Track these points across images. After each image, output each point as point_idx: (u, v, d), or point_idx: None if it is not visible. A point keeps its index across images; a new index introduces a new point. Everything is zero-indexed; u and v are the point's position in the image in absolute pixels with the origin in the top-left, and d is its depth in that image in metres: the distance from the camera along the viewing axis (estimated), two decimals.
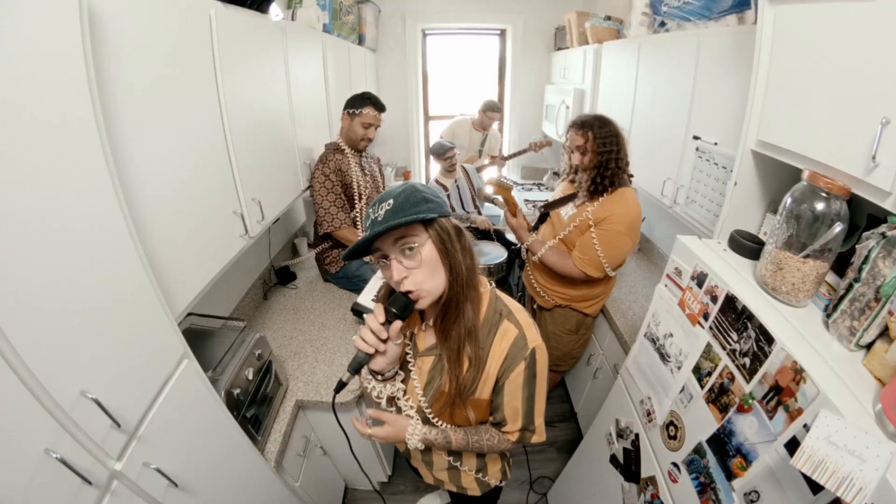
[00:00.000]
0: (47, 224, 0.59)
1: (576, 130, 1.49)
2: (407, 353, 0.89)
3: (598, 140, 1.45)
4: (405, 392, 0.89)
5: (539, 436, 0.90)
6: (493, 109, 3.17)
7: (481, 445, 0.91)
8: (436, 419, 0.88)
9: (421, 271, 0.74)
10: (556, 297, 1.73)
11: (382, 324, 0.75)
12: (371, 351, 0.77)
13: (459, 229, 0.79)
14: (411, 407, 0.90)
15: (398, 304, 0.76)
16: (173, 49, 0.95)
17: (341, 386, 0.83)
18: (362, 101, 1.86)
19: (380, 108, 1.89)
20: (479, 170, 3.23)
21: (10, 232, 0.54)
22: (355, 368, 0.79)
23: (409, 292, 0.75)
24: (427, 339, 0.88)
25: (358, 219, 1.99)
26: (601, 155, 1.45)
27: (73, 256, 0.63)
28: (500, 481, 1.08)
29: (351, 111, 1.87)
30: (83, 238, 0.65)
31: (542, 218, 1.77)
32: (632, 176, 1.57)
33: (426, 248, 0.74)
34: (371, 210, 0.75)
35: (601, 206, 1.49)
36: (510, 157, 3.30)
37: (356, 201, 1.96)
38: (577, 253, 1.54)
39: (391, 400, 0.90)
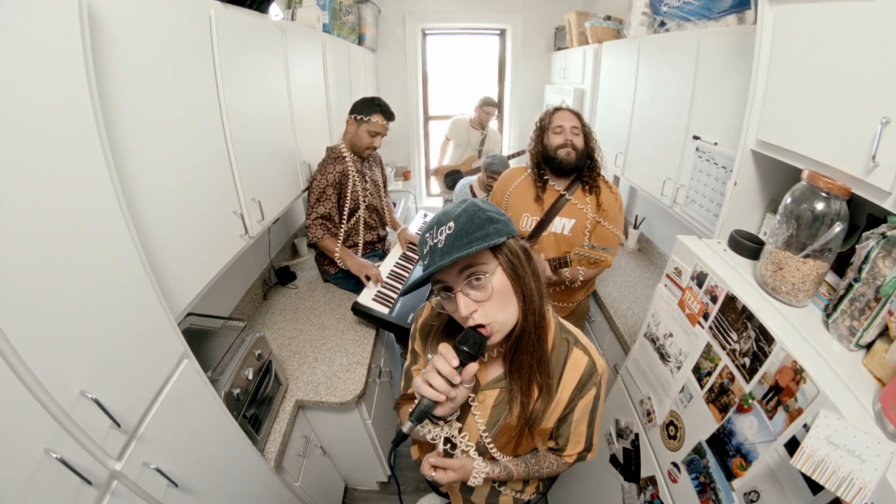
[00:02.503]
0: (47, 224, 0.59)
1: (571, 113, 1.51)
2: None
3: (585, 127, 1.51)
4: (461, 430, 0.83)
5: (594, 453, 0.88)
6: (489, 104, 3.17)
7: (541, 474, 0.88)
8: (498, 454, 0.83)
9: (492, 303, 0.66)
10: (579, 296, 1.71)
11: (456, 367, 0.65)
12: (441, 399, 0.66)
13: (527, 251, 0.71)
14: (469, 445, 0.83)
15: (471, 343, 0.66)
16: (173, 49, 0.95)
17: (402, 438, 0.73)
18: (371, 108, 1.78)
19: (389, 116, 1.83)
20: (477, 170, 3.23)
21: (9, 232, 0.54)
22: (419, 417, 0.68)
23: (481, 327, 0.67)
24: (489, 370, 0.81)
25: (356, 228, 1.95)
26: (590, 142, 1.51)
27: (72, 256, 0.63)
28: (533, 495, 1.04)
29: (358, 117, 1.79)
30: (83, 238, 0.65)
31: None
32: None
33: (496, 276, 0.66)
34: (428, 235, 0.67)
35: (593, 203, 1.52)
36: (508, 158, 3.31)
37: (355, 210, 1.91)
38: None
39: (447, 440, 0.83)
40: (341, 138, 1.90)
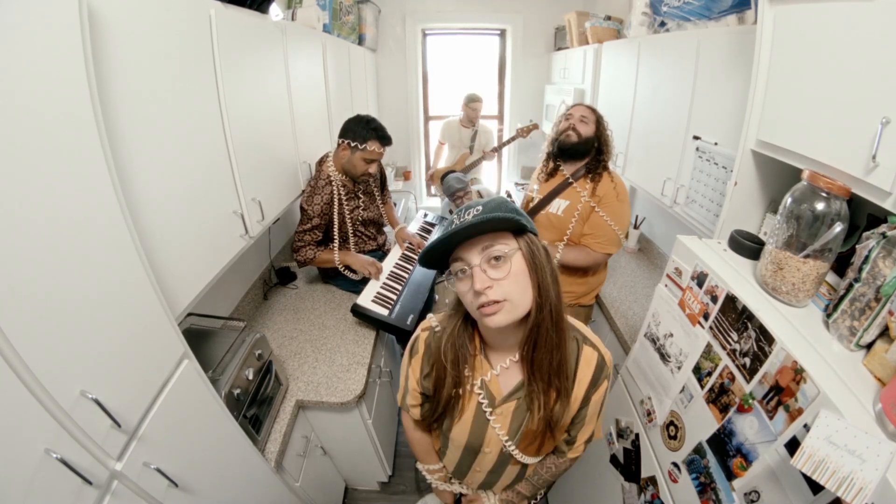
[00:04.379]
0: (47, 224, 0.59)
1: (585, 106, 1.61)
2: (481, 403, 0.82)
3: (599, 121, 1.59)
4: (483, 445, 0.87)
5: (598, 433, 0.92)
6: (473, 100, 3.21)
7: (544, 481, 0.95)
8: (522, 456, 0.86)
9: (507, 281, 0.67)
10: (567, 298, 1.72)
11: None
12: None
13: (548, 252, 0.73)
14: (488, 496, 0.97)
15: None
16: (173, 49, 0.95)
17: None
18: (367, 133, 1.64)
19: (386, 141, 1.70)
20: (471, 166, 3.26)
21: (9, 232, 0.54)
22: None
23: (495, 303, 0.67)
24: (504, 383, 0.82)
25: (349, 244, 1.90)
26: (600, 134, 1.57)
27: (72, 256, 0.63)
28: (536, 498, 1.06)
29: (353, 144, 1.66)
30: (83, 238, 0.65)
31: None
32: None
33: (515, 258, 0.68)
34: (456, 216, 0.70)
35: (591, 189, 1.56)
36: (500, 147, 3.32)
37: (343, 237, 1.86)
38: (591, 240, 1.57)
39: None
40: (332, 158, 1.77)
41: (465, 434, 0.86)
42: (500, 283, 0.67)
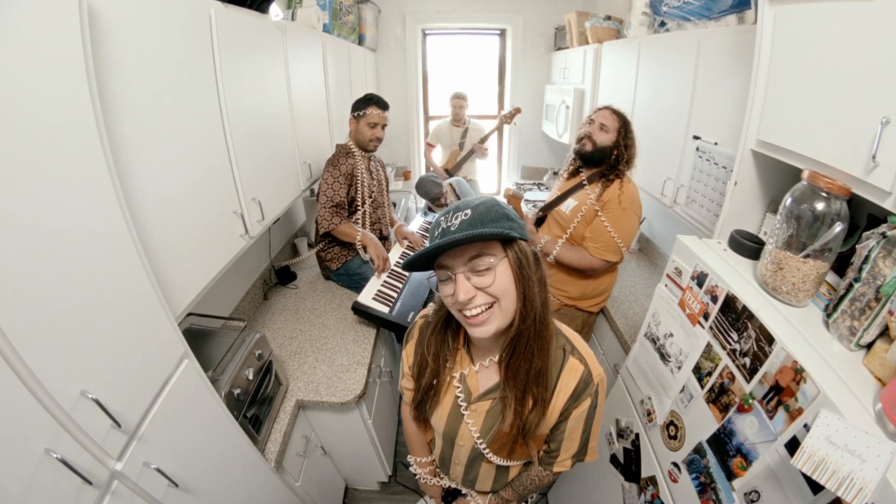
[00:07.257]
0: (47, 224, 0.59)
1: (610, 112, 1.59)
2: (458, 397, 0.83)
3: (622, 129, 1.55)
4: (457, 438, 0.87)
5: (591, 455, 0.86)
6: (455, 97, 3.27)
7: (527, 491, 0.94)
8: (494, 457, 0.85)
9: (492, 289, 0.67)
10: (561, 296, 1.73)
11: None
12: None
13: (538, 258, 0.71)
14: (474, 496, 0.98)
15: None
16: (173, 49, 0.95)
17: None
18: (365, 102, 1.90)
19: (383, 106, 1.93)
20: (462, 162, 3.27)
21: (9, 232, 0.54)
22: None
23: (479, 314, 0.67)
24: (482, 381, 0.82)
25: (361, 221, 2.00)
26: (618, 144, 1.55)
27: (73, 257, 0.63)
28: (528, 501, 1.06)
29: (356, 114, 1.92)
30: (83, 238, 0.65)
31: (540, 221, 1.78)
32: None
33: (501, 268, 0.66)
34: (443, 218, 0.68)
35: (599, 193, 1.56)
36: (486, 138, 3.32)
37: (362, 204, 1.98)
38: (590, 243, 1.57)
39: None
40: (348, 137, 1.98)
41: (442, 423, 0.87)
42: (485, 290, 0.67)
